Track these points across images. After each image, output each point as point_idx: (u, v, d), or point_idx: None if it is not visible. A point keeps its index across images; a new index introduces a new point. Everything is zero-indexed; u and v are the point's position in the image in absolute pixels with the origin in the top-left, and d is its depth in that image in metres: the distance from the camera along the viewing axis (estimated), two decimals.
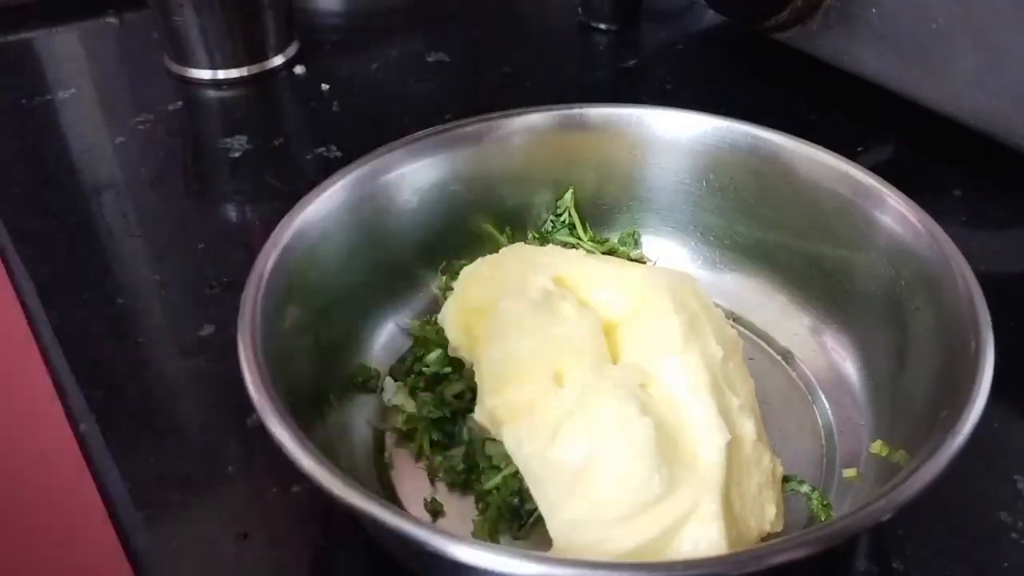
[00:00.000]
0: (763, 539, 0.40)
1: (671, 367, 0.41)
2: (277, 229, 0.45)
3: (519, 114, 0.54)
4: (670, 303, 0.42)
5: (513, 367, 0.41)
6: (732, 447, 0.39)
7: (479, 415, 0.43)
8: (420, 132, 0.52)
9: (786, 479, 0.44)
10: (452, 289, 0.50)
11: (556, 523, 0.38)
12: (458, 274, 0.51)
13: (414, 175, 0.51)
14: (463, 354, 0.47)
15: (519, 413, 0.40)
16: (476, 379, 0.43)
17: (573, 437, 0.38)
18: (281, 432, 0.35)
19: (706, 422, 0.39)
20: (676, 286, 0.44)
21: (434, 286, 0.53)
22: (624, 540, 0.36)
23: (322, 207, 0.47)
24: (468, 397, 0.46)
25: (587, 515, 0.37)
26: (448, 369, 0.48)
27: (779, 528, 0.40)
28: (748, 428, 0.40)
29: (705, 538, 0.36)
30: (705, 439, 0.38)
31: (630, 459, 0.37)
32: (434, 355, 0.48)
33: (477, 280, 0.48)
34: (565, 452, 0.38)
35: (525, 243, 0.56)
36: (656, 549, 0.36)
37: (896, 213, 0.46)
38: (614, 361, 0.43)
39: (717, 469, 0.37)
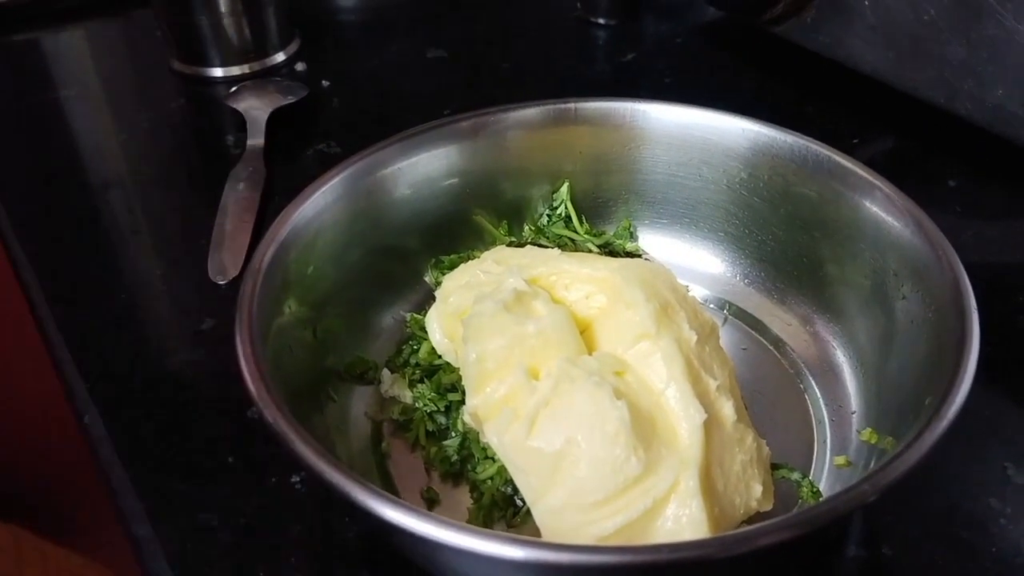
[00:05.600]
0: (751, 518, 0.40)
1: (644, 353, 0.41)
2: (274, 224, 0.45)
3: (515, 108, 0.54)
4: (641, 293, 0.42)
5: (489, 366, 0.42)
6: (712, 427, 0.39)
7: (466, 416, 0.44)
8: (416, 127, 0.52)
9: (777, 466, 0.44)
10: (441, 283, 0.51)
11: (540, 510, 0.39)
12: (447, 269, 0.51)
13: (410, 170, 0.52)
14: (450, 359, 0.48)
15: (498, 409, 0.41)
16: (463, 381, 0.44)
17: (549, 425, 0.39)
18: (278, 421, 0.36)
19: (681, 403, 0.39)
20: (647, 278, 0.44)
21: (429, 279, 0.54)
22: (606, 522, 0.37)
23: (319, 202, 0.47)
24: (463, 388, 0.47)
25: (569, 500, 0.37)
26: (441, 360, 0.49)
27: (768, 507, 0.41)
28: (727, 409, 0.40)
29: (686, 515, 0.37)
30: (681, 419, 0.39)
31: (606, 442, 0.37)
32: (425, 347, 0.49)
33: (456, 286, 0.49)
34: (543, 440, 0.39)
35: (522, 236, 0.57)
36: (639, 529, 0.37)
37: (884, 202, 0.46)
38: (590, 354, 0.43)
39: (695, 448, 0.38)
